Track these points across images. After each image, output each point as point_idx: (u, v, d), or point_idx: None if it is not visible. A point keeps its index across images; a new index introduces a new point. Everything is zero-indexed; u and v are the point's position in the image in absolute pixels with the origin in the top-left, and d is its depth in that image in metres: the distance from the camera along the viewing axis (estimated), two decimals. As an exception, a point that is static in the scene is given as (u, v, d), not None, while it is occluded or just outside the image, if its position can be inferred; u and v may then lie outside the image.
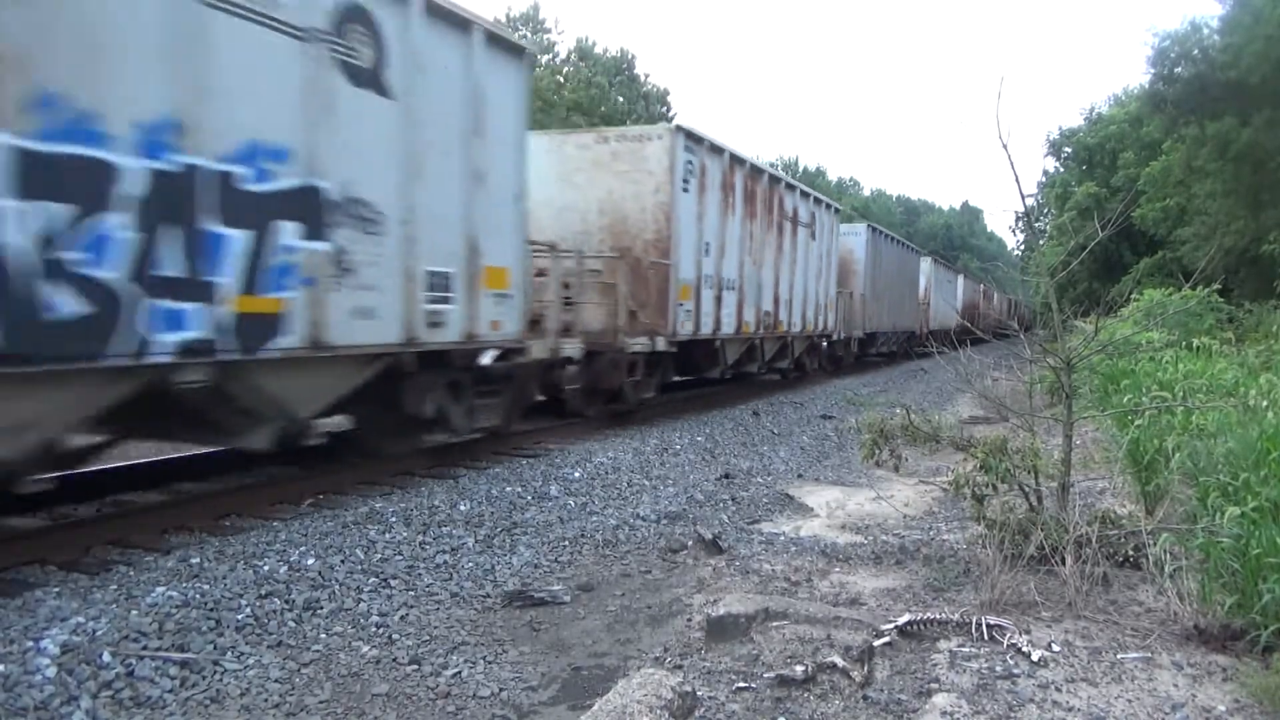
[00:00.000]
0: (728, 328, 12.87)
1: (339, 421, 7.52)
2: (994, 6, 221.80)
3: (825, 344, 18.77)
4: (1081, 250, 7.22)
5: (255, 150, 5.34)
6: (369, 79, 6.16)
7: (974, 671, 3.70)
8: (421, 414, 7.25)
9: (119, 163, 4.54)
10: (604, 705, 2.98)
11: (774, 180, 14.61)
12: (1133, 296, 18.49)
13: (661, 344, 10.89)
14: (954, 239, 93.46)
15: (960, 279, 38.47)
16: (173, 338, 4.88)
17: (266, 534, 5.63)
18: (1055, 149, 43.77)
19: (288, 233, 5.57)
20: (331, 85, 5.85)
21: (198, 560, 5.00)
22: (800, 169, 74.73)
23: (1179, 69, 21.84)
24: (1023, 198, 6.61)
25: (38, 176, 4.18)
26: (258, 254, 5.38)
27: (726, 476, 8.65)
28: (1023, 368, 8.76)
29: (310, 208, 5.74)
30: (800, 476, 9.01)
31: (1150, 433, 6.84)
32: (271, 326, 5.51)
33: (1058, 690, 3.53)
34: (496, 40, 7.51)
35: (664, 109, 47.34)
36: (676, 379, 13.33)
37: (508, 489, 7.24)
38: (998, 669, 3.71)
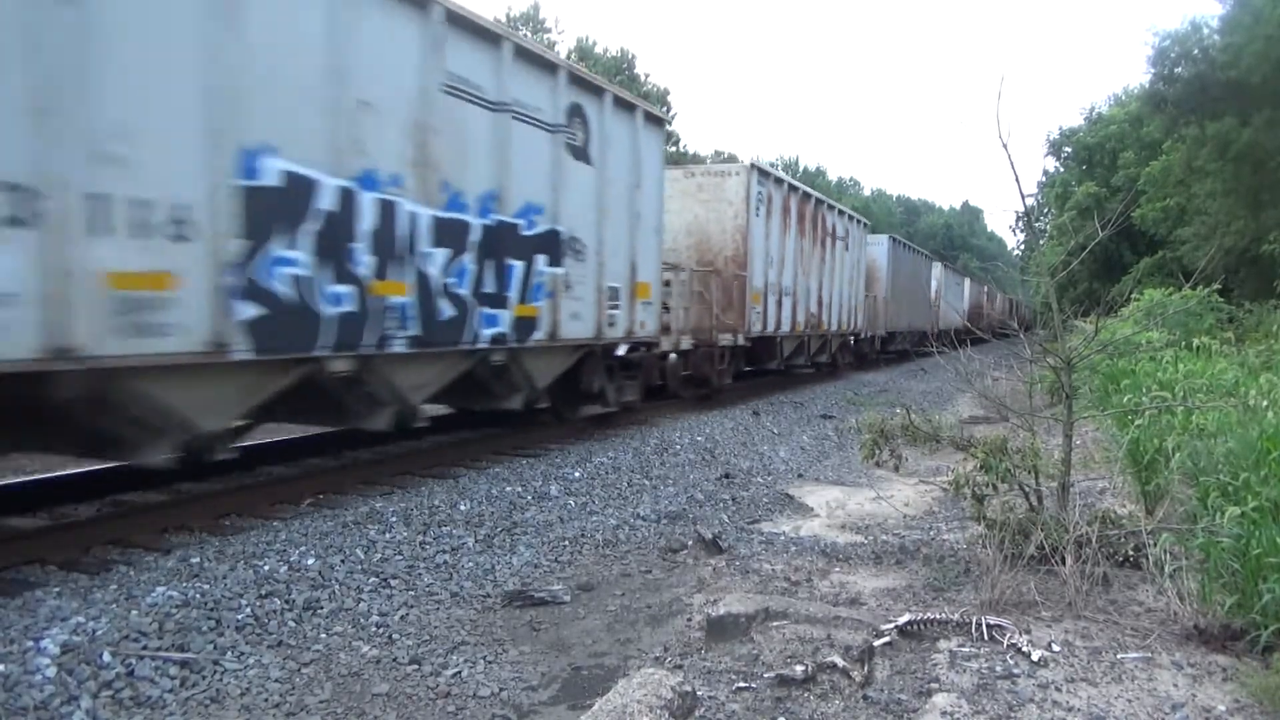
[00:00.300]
0: (785, 327, 15.70)
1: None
2: (994, 6, 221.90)
3: (853, 341, 21.01)
4: (1081, 250, 7.22)
5: (528, 208, 8.10)
6: (581, 153, 8.92)
7: (974, 671, 3.70)
8: (590, 389, 9.78)
9: (470, 221, 7.30)
10: (604, 705, 2.98)
11: (819, 202, 17.37)
12: (1133, 296, 18.48)
13: (740, 340, 13.64)
14: (954, 239, 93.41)
15: (966, 282, 40.84)
16: (489, 332, 7.60)
17: (266, 534, 5.63)
18: (1055, 149, 43.74)
19: (541, 262, 8.31)
20: (562, 160, 8.56)
21: (198, 560, 5.00)
22: (800, 169, 74.69)
23: (1179, 69, 21.82)
24: (1023, 197, 6.62)
25: (441, 233, 6.92)
26: (527, 277, 8.10)
27: (726, 476, 8.66)
28: (1023, 367, 8.76)
29: (552, 245, 8.50)
30: (800, 476, 9.01)
31: (1150, 433, 6.84)
32: (532, 325, 8.24)
33: (1058, 690, 3.53)
34: (650, 117, 10.53)
35: (664, 109, 47.37)
36: (750, 370, 16.09)
37: (508, 489, 7.24)
38: (998, 669, 3.71)
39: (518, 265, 7.93)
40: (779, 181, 15.27)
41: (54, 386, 4.39)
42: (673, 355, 12.02)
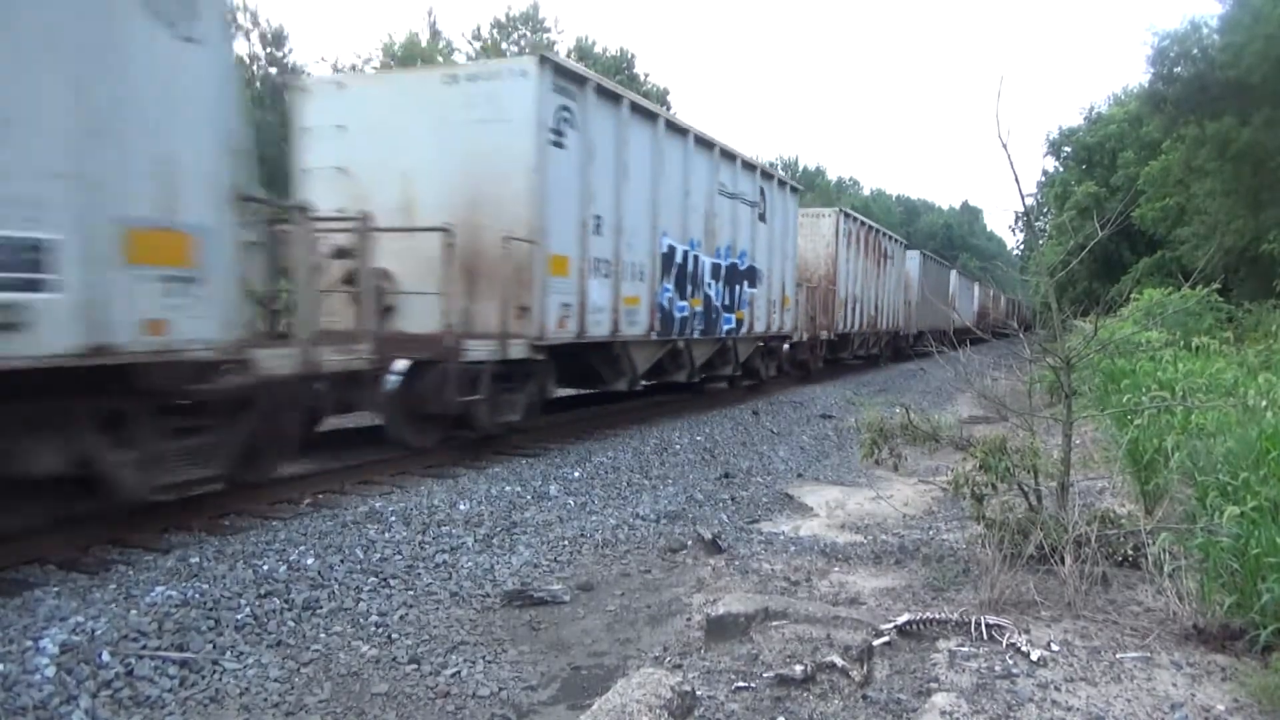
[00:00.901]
0: (855, 326, 21.71)
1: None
2: (994, 6, 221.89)
3: (894, 337, 26.51)
4: (1081, 250, 7.22)
5: (742, 252, 13.52)
6: (762, 217, 14.42)
7: (973, 671, 3.70)
8: (754, 368, 15.35)
9: (721, 263, 12.66)
10: (603, 704, 2.98)
11: (877, 231, 23.97)
12: (1132, 296, 18.48)
13: (831, 335, 19.54)
14: (953, 238, 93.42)
15: (976, 286, 45.51)
16: (725, 328, 13.03)
17: (266, 533, 5.63)
18: (1055, 148, 43.73)
19: (746, 286, 13.75)
20: (755, 223, 14.11)
21: (197, 559, 5.00)
22: (800, 168, 74.70)
23: (1179, 68, 21.81)
24: (1022, 197, 6.62)
25: (713, 271, 12.46)
26: (741, 294, 13.56)
27: (726, 476, 8.66)
28: (1022, 367, 8.76)
29: (753, 275, 14.04)
30: (800, 476, 9.01)
31: (1150, 432, 6.84)
32: (741, 324, 13.57)
33: (1057, 690, 3.53)
34: (794, 189, 16.35)
35: (665, 108, 47.37)
36: (828, 358, 20.53)
37: (507, 488, 7.24)
38: (997, 668, 3.71)
39: (738, 287, 13.43)
40: (854, 219, 21.66)
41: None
42: (786, 345, 16.82)
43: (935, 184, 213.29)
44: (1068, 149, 42.64)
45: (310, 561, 5.10)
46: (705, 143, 12.05)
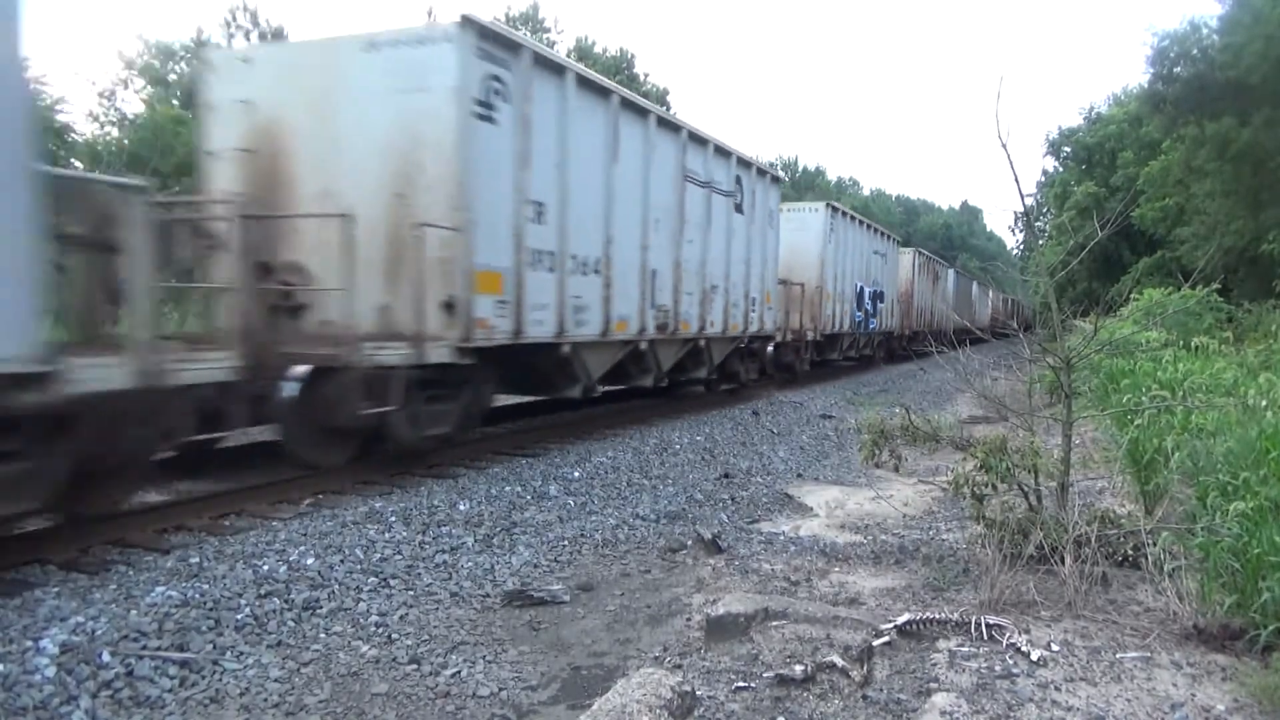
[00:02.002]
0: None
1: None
2: (994, 6, 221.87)
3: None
4: (1081, 250, 7.21)
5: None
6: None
7: (973, 671, 3.70)
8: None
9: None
10: (603, 705, 2.98)
11: (933, 260, 30.13)
12: (1132, 296, 18.50)
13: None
14: (953, 238, 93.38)
15: (990, 293, 49.17)
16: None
17: (266, 534, 5.63)
18: (1054, 148, 43.77)
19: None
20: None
21: (197, 560, 5.00)
22: (799, 168, 74.62)
23: (1178, 69, 21.83)
24: (1022, 197, 6.62)
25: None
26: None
27: (726, 476, 8.66)
28: (1022, 367, 8.76)
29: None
30: (800, 476, 9.01)
31: (1150, 432, 6.84)
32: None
33: (1057, 690, 3.53)
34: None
35: (663, 108, 47.38)
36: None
37: (507, 488, 7.24)
38: (997, 668, 3.71)
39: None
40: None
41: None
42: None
43: (935, 184, 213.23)
44: (1067, 149, 42.68)
45: (310, 561, 5.10)
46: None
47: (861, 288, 21.82)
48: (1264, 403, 6.92)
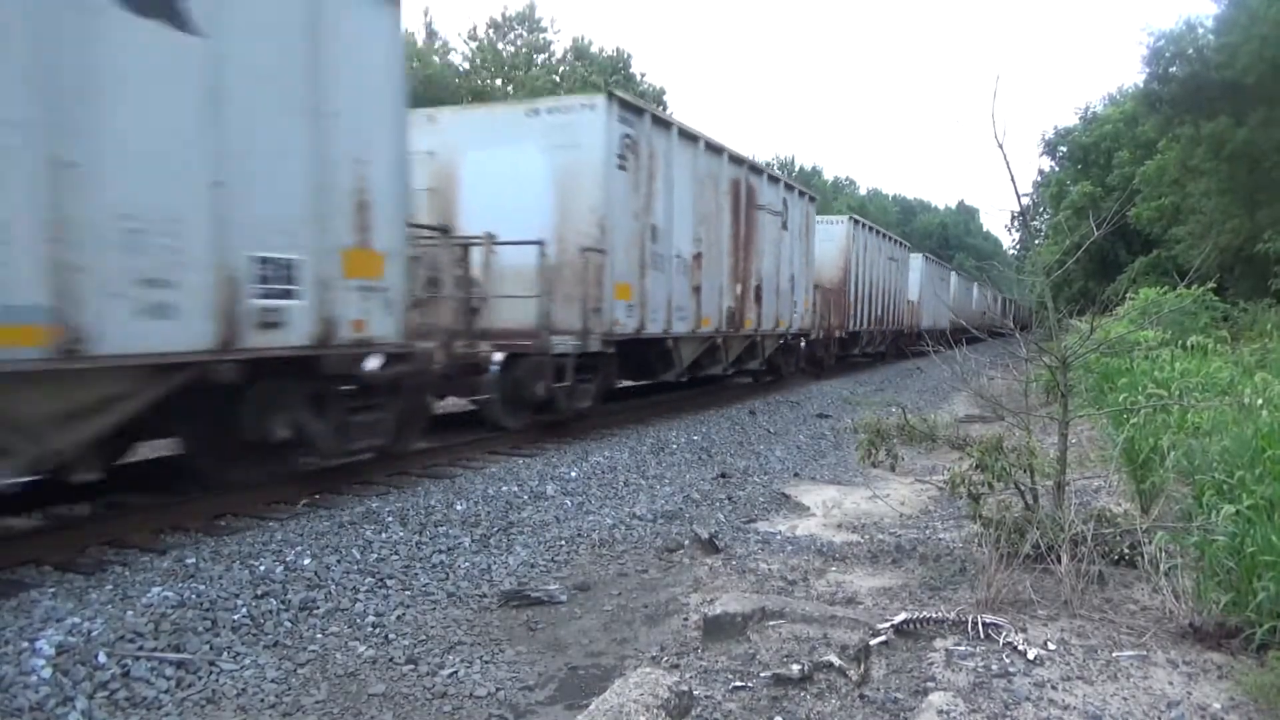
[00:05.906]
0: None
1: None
2: (991, 6, 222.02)
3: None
4: (1077, 249, 7.22)
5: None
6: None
7: (970, 670, 3.70)
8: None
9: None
10: (601, 705, 2.98)
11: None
12: (1128, 295, 18.53)
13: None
14: (949, 238, 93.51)
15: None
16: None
17: (262, 534, 5.62)
18: (1051, 148, 43.88)
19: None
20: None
21: (193, 560, 4.99)
22: (796, 168, 74.71)
23: (1174, 68, 21.88)
24: (1018, 197, 6.60)
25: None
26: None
27: (723, 475, 8.66)
28: (1019, 366, 8.77)
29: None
30: (797, 475, 9.02)
31: (1146, 431, 6.85)
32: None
33: (1054, 688, 3.53)
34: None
35: (660, 108, 47.36)
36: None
37: (504, 488, 7.23)
38: (994, 667, 3.71)
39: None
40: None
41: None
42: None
43: (931, 183, 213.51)
44: (1063, 149, 42.79)
45: (307, 562, 5.10)
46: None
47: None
48: (1259, 401, 6.92)
